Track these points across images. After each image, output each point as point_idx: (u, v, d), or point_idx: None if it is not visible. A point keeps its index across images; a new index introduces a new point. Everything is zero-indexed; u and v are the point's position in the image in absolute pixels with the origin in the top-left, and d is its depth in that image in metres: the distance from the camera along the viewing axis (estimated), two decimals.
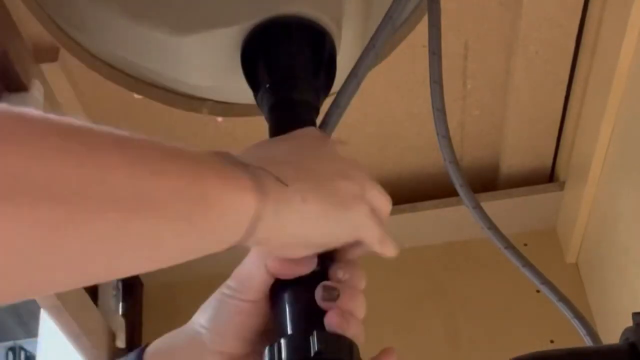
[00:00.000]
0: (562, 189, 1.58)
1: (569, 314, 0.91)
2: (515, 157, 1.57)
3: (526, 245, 1.56)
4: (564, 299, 0.92)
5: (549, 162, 1.60)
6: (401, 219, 1.58)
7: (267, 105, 0.78)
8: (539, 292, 0.98)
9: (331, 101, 0.82)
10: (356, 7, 0.85)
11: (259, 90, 0.79)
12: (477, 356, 1.52)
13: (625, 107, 1.24)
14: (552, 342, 1.45)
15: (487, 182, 1.62)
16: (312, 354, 0.53)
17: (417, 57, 1.31)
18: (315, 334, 0.53)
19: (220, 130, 1.47)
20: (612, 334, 0.71)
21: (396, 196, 1.62)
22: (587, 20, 1.31)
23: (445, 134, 0.90)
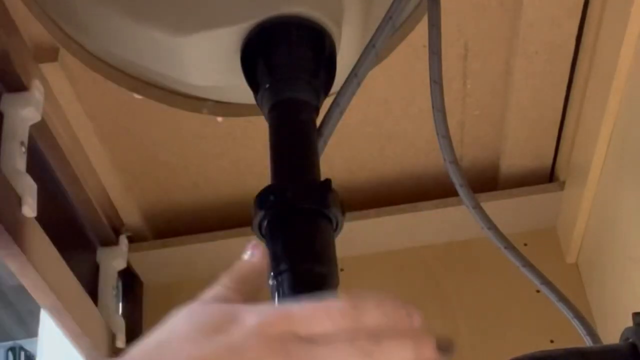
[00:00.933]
0: (562, 189, 1.58)
1: (569, 314, 0.91)
2: (515, 157, 1.57)
3: (526, 245, 1.56)
4: (564, 299, 0.92)
5: (549, 162, 1.60)
6: (401, 219, 1.58)
7: (267, 105, 0.78)
8: (539, 292, 0.98)
9: (331, 101, 0.82)
10: (356, 7, 0.85)
11: (259, 90, 0.79)
12: (477, 356, 1.52)
13: (625, 107, 1.24)
14: (552, 342, 1.45)
15: (487, 182, 1.62)
16: None
17: (417, 57, 1.31)
18: None
19: (220, 130, 1.46)
20: (612, 334, 0.72)
21: (396, 196, 1.62)
22: (587, 20, 1.31)
23: (445, 134, 0.90)
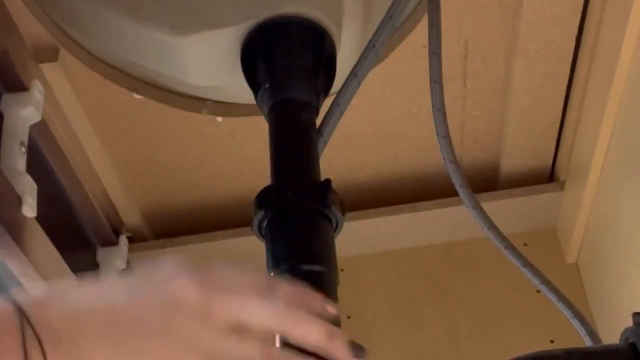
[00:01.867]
0: (562, 189, 1.58)
1: (569, 314, 0.91)
2: (515, 157, 1.57)
3: (526, 245, 1.56)
4: (564, 299, 0.92)
5: (549, 162, 1.60)
6: (401, 219, 1.58)
7: (267, 105, 0.78)
8: (539, 292, 0.98)
9: (331, 101, 0.82)
10: (356, 7, 0.85)
11: (259, 90, 0.79)
12: (477, 356, 1.52)
13: (625, 107, 1.24)
14: (552, 342, 1.45)
15: (487, 182, 1.62)
16: None
17: (417, 57, 1.31)
18: None
19: (220, 130, 1.46)
20: (612, 334, 0.72)
21: (396, 196, 1.62)
22: (587, 20, 1.31)
23: (445, 134, 0.90)
